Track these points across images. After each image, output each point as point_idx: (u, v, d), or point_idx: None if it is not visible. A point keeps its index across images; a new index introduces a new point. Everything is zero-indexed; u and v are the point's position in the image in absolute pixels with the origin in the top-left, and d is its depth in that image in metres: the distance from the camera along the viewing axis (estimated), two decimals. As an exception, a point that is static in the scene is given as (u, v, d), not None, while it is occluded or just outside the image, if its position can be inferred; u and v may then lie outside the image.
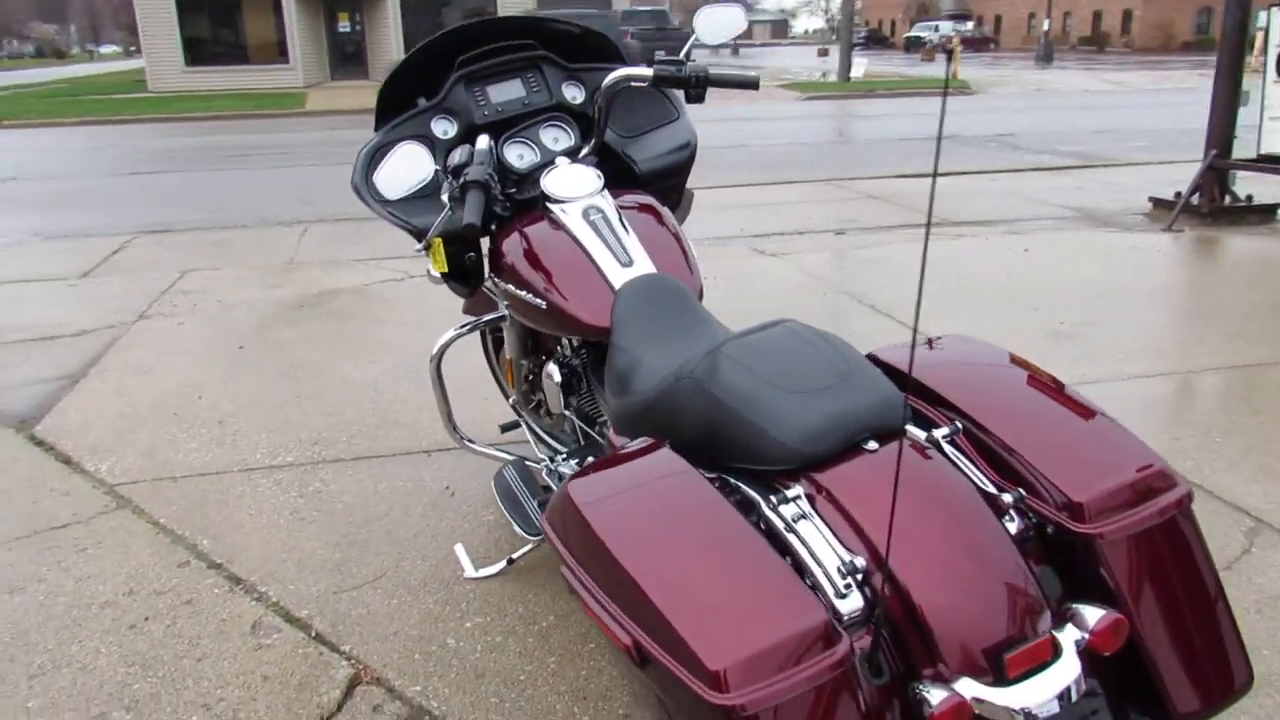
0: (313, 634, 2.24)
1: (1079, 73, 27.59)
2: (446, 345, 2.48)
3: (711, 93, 2.29)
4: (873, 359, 1.72)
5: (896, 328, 4.33)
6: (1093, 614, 1.26)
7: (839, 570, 1.29)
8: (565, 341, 2.26)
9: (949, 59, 6.91)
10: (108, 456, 3.23)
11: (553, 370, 2.26)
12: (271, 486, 2.98)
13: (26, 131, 16.71)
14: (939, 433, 1.50)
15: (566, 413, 2.32)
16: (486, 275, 2.32)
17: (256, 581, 2.46)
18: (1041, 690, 1.19)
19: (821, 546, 1.33)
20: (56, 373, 4.09)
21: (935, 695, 1.17)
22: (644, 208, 2.25)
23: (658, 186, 2.45)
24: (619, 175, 2.37)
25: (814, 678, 1.16)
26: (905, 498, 1.33)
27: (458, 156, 2.12)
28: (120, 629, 2.28)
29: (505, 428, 2.82)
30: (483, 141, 2.19)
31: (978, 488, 1.40)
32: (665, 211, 2.26)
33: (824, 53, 36.23)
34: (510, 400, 2.79)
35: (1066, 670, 1.21)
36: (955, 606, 1.25)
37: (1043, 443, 1.44)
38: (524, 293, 2.14)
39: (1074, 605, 1.29)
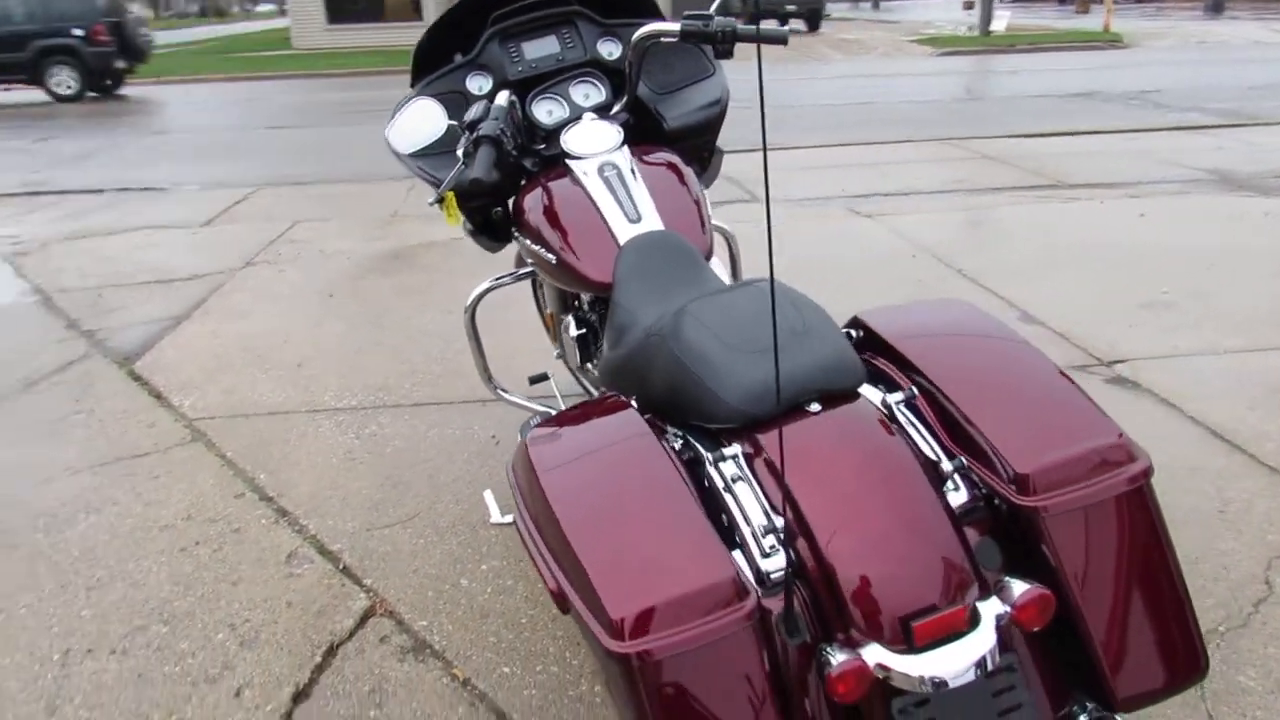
0: (340, 566, 2.36)
1: (1251, 24, 25.46)
2: (480, 296, 2.55)
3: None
4: (857, 323, 1.69)
5: (981, 294, 4.17)
6: (1019, 588, 1.22)
7: (763, 530, 1.29)
8: (582, 297, 2.29)
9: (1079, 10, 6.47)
10: (192, 393, 3.46)
11: (569, 324, 2.30)
12: (332, 428, 3.14)
13: (182, 87, 17.71)
14: (894, 397, 1.47)
15: (589, 366, 2.36)
16: (513, 231, 2.37)
17: (300, 515, 2.60)
18: (948, 660, 1.16)
19: (751, 506, 1.33)
20: (165, 314, 4.39)
21: (836, 658, 1.16)
22: (664, 164, 2.24)
23: (688, 143, 2.43)
24: (652, 132, 2.36)
25: (713, 632, 1.17)
26: (840, 461, 1.32)
27: (474, 112, 2.15)
28: (173, 551, 2.47)
29: (533, 380, 2.88)
30: (501, 97, 2.21)
31: (924, 455, 1.37)
32: (686, 170, 2.25)
33: (969, 6, 34.65)
34: (556, 353, 2.84)
35: (980, 642, 1.18)
36: (871, 572, 1.22)
37: (1000, 412, 1.39)
38: (539, 247, 2.18)
39: (1005, 579, 1.25)
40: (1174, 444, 2.77)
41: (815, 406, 1.40)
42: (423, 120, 2.08)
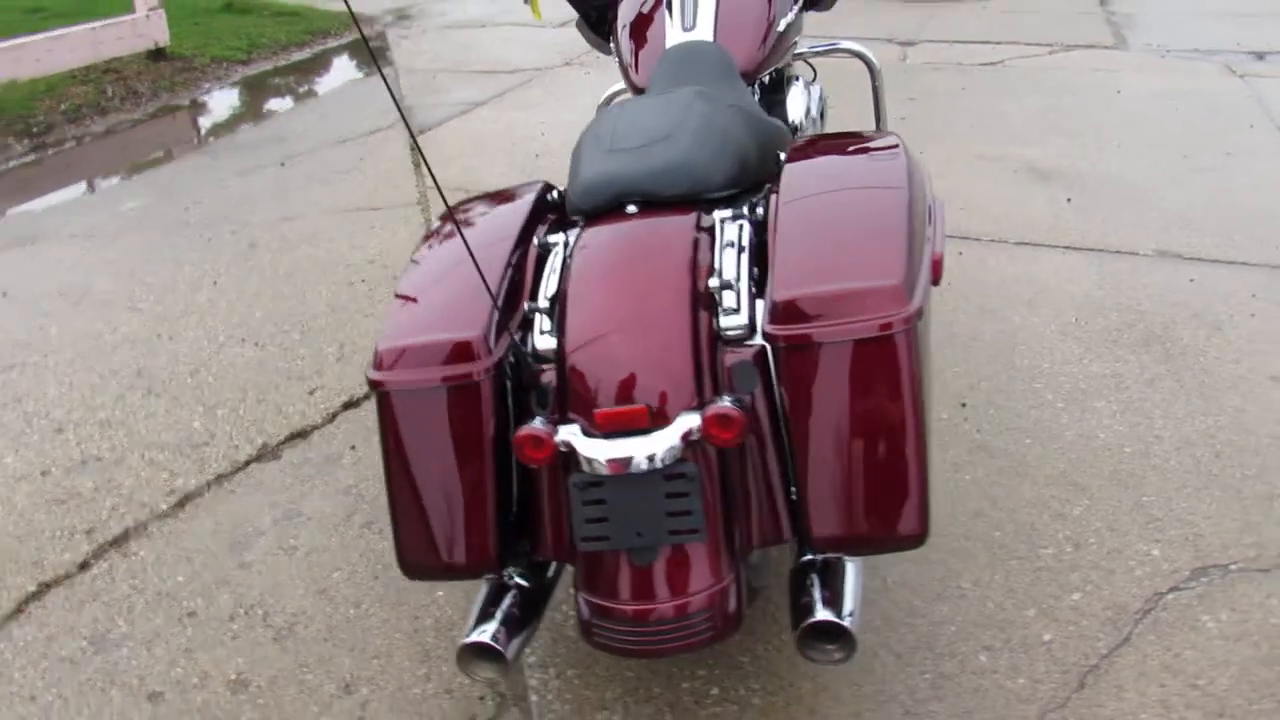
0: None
1: None
2: (609, 98, 2.67)
3: None
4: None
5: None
6: (712, 404, 1.23)
7: (543, 312, 1.39)
8: None
9: None
10: (440, 166, 3.98)
11: None
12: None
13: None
14: (721, 213, 1.44)
15: None
16: None
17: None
18: (618, 449, 1.22)
19: (548, 289, 1.43)
20: (471, 99, 4.96)
21: (524, 426, 1.26)
22: None
23: None
24: None
25: (443, 379, 1.33)
26: (615, 263, 1.39)
27: None
28: (343, 283, 3.00)
29: None
30: (608, -105, 2.26)
31: (705, 275, 1.36)
32: None
33: None
34: None
35: (655, 441, 1.22)
36: (590, 363, 1.30)
37: (802, 244, 1.35)
38: (613, 47, 2.26)
39: (718, 398, 1.26)
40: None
41: (631, 209, 1.44)
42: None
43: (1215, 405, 2.26)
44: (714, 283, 1.34)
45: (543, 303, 1.40)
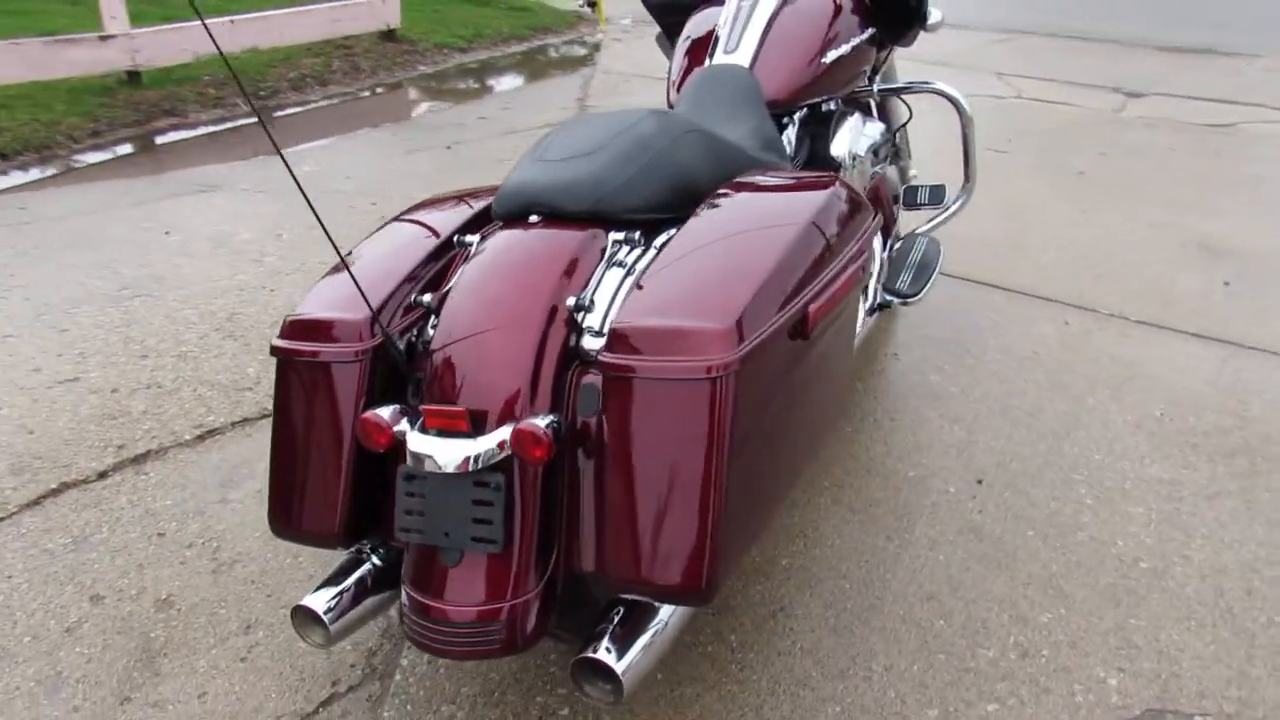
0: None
1: None
2: None
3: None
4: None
5: None
6: (525, 421, 1.24)
7: (421, 304, 1.45)
8: None
9: None
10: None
11: None
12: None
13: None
14: (618, 235, 1.43)
15: None
16: None
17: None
18: (435, 448, 1.26)
19: (446, 284, 1.48)
20: (648, 102, 5.06)
21: (370, 411, 1.32)
22: (819, 4, 2.14)
23: None
24: None
25: (327, 355, 1.41)
26: (496, 269, 1.42)
27: None
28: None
29: None
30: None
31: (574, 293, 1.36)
32: (844, 16, 2.14)
33: None
34: None
35: (468, 446, 1.25)
36: (441, 365, 1.34)
37: (668, 275, 1.33)
38: (670, 63, 2.28)
39: (538, 415, 1.27)
40: None
41: (534, 219, 1.46)
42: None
43: (1277, 538, 1.97)
44: (570, 302, 1.33)
45: (428, 298, 1.44)
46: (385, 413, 1.31)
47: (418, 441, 1.28)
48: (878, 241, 2.29)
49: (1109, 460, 2.22)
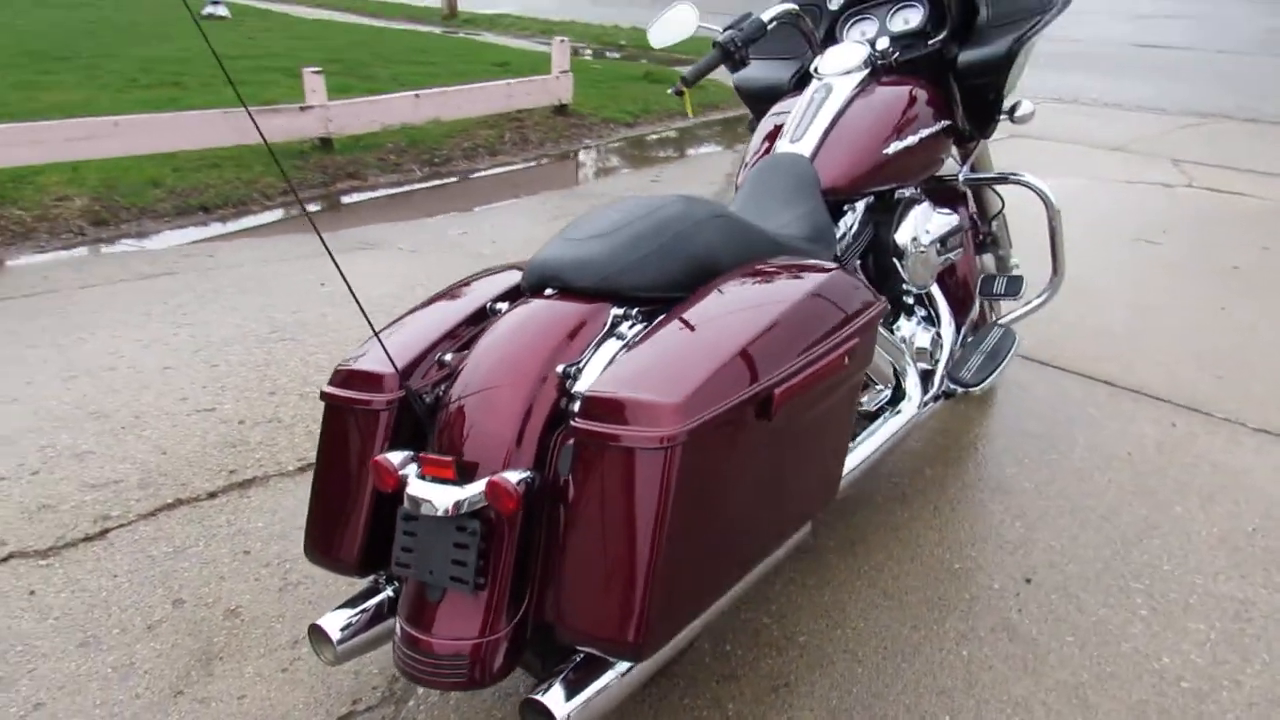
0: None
1: None
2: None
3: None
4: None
5: None
6: (498, 474, 1.36)
7: (442, 362, 1.61)
8: None
9: None
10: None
11: None
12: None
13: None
14: (618, 310, 1.54)
15: None
16: None
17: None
18: (425, 492, 1.40)
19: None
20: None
21: (382, 455, 1.48)
22: (893, 96, 2.23)
23: (975, 84, 2.31)
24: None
25: (359, 402, 1.59)
26: (506, 336, 1.57)
27: (735, 19, 2.40)
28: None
29: None
30: (772, 10, 2.39)
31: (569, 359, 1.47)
32: (919, 108, 2.23)
33: None
34: None
35: (453, 493, 1.38)
36: (444, 420, 1.49)
37: (651, 348, 1.43)
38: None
39: (512, 470, 1.39)
40: None
41: (550, 291, 1.60)
42: (677, 21, 2.42)
43: (1346, 672, 1.82)
44: (559, 369, 1.45)
45: (450, 358, 1.60)
46: (395, 457, 1.46)
47: (415, 486, 1.42)
48: (924, 331, 2.30)
49: (1178, 571, 2.10)
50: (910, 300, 2.36)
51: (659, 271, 1.59)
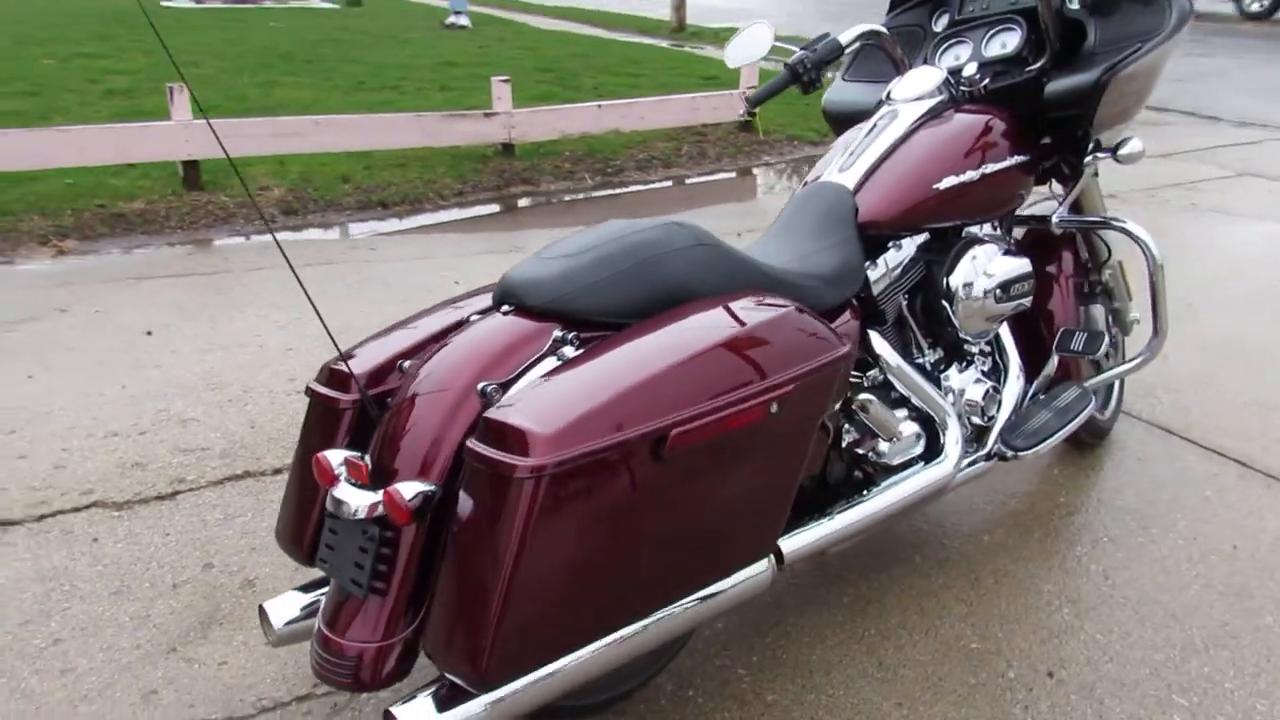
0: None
1: None
2: None
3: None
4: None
5: None
6: (395, 485, 1.39)
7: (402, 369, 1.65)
8: None
9: None
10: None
11: None
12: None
13: None
14: (561, 332, 1.51)
15: None
16: None
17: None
18: (343, 492, 1.44)
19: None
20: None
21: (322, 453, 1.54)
22: (962, 125, 2.10)
23: (1059, 116, 2.12)
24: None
25: (329, 401, 1.65)
26: (452, 349, 1.59)
27: (811, 42, 2.31)
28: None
29: None
30: (849, 33, 2.27)
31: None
32: (993, 140, 2.11)
33: None
34: None
35: (358, 496, 1.41)
36: (385, 422, 1.53)
37: (566, 374, 1.40)
38: None
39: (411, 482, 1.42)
40: None
41: (505, 309, 1.60)
42: (752, 41, 2.35)
43: None
44: (481, 385, 1.45)
45: (409, 364, 1.63)
46: (334, 456, 1.51)
47: (340, 487, 1.47)
48: (978, 383, 2.10)
49: (1239, 692, 1.81)
50: (973, 349, 2.17)
51: (613, 297, 1.55)
